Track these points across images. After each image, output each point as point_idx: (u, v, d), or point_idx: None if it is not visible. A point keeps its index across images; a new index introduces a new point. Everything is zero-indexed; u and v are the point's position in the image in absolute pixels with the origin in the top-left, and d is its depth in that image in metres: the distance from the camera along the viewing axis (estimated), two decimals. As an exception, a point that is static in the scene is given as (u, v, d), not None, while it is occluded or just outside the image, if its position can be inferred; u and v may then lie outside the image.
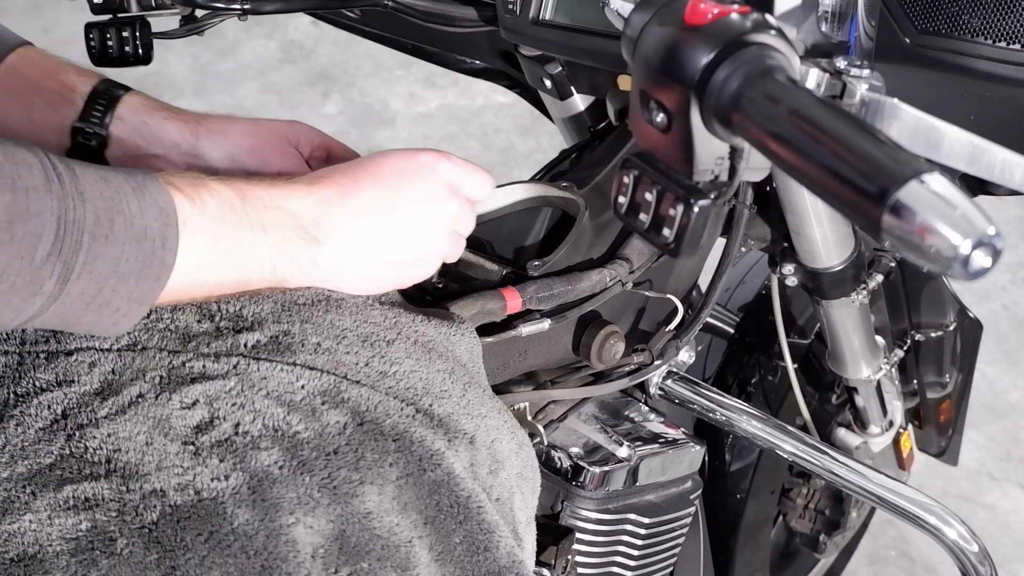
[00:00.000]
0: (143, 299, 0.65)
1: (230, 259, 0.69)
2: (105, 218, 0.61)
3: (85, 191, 0.61)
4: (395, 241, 0.77)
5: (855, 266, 1.10)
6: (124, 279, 0.63)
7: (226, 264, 0.69)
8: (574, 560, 1.01)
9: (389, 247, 0.77)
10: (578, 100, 1.20)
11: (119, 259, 0.62)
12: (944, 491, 2.13)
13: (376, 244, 0.76)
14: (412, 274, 0.79)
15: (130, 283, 0.63)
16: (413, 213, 0.77)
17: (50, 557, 0.63)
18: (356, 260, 0.75)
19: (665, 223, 0.66)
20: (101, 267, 0.61)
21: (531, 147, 2.98)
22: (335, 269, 0.75)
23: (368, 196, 0.75)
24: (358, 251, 0.75)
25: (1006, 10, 0.84)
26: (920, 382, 1.57)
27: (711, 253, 1.07)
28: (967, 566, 1.12)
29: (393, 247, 0.77)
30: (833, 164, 0.55)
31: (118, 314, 0.64)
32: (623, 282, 0.95)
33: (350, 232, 0.74)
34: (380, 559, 0.68)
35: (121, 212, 0.62)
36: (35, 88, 0.85)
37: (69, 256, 0.60)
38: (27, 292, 0.59)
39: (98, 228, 0.61)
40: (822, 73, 0.70)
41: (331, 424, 0.70)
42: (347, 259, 0.75)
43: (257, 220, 0.70)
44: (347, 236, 0.74)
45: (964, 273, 0.51)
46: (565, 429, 1.03)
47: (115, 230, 0.62)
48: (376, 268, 0.77)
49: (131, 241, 0.63)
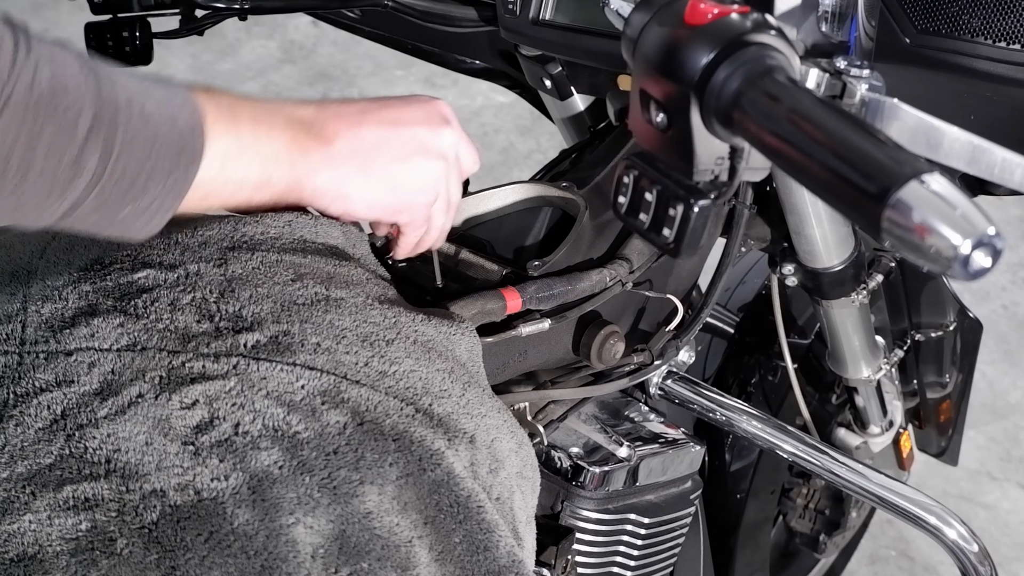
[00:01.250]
0: (176, 189, 0.65)
1: (252, 151, 0.70)
2: (136, 101, 0.62)
3: (113, 75, 0.62)
4: (396, 154, 0.78)
5: (855, 266, 1.10)
6: (159, 163, 0.63)
7: (249, 156, 0.70)
8: (574, 560, 1.01)
9: (390, 158, 0.78)
10: (578, 100, 1.20)
11: (153, 142, 0.63)
12: (944, 491, 2.13)
13: (378, 153, 0.77)
14: (410, 200, 0.80)
15: (164, 169, 0.64)
16: (413, 131, 0.78)
17: (50, 557, 0.63)
18: (361, 166, 0.76)
19: (665, 223, 0.66)
20: (138, 150, 0.62)
21: (531, 147, 2.98)
22: (343, 175, 0.76)
23: (369, 105, 0.78)
24: (363, 156, 0.76)
25: (1006, 10, 0.84)
26: (920, 382, 1.57)
27: (711, 253, 1.07)
28: (967, 566, 1.12)
29: (394, 160, 0.78)
30: (833, 164, 0.55)
31: (151, 208, 0.65)
32: (623, 282, 0.95)
33: (355, 135, 0.76)
34: (380, 559, 0.68)
35: (150, 97, 0.63)
36: None
37: (109, 133, 0.60)
38: (72, 171, 0.60)
39: (131, 108, 0.62)
40: (822, 73, 0.70)
41: (331, 424, 0.70)
42: (354, 164, 0.76)
43: (271, 119, 0.72)
44: (352, 139, 0.76)
45: (964, 273, 0.51)
46: (565, 429, 1.03)
47: (147, 112, 0.63)
48: (378, 180, 0.77)
49: (163, 124, 0.63)
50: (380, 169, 0.78)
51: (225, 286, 0.74)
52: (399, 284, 0.87)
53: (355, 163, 0.76)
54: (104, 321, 0.71)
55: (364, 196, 0.78)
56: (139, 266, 0.75)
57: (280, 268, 0.77)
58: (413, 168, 0.79)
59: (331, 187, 0.76)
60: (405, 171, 0.79)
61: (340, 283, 0.78)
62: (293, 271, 0.77)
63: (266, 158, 0.72)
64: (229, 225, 0.80)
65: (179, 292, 0.73)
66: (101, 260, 0.76)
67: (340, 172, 0.76)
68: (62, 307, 0.72)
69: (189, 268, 0.75)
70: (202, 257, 0.76)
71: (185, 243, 0.77)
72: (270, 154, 0.72)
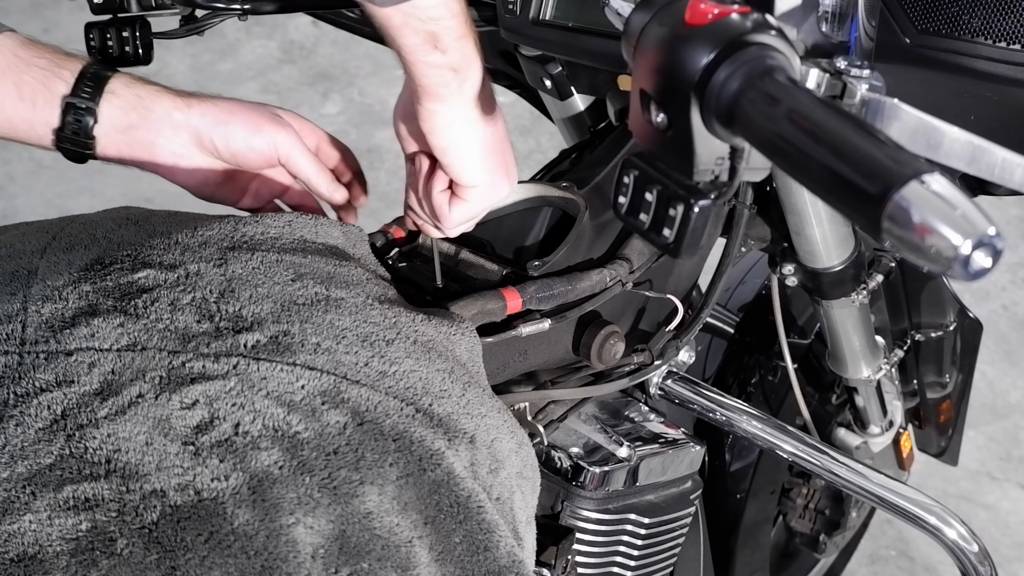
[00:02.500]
0: None
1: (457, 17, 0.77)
2: None
3: None
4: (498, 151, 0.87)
5: (855, 266, 1.10)
6: None
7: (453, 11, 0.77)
8: (574, 560, 1.01)
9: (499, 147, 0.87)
10: (578, 100, 1.20)
11: None
12: (944, 491, 2.13)
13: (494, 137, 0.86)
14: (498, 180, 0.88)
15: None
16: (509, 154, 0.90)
17: (50, 557, 0.63)
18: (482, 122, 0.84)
19: (665, 223, 0.66)
20: None
21: (531, 147, 2.98)
22: (470, 111, 0.82)
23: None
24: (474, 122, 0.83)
25: (1006, 10, 0.84)
26: (920, 382, 1.57)
27: (711, 253, 1.07)
28: (967, 566, 1.12)
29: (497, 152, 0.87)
30: (833, 164, 0.55)
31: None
32: (623, 282, 0.95)
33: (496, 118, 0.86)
34: (380, 559, 0.68)
35: None
36: (24, 66, 0.84)
37: None
38: None
39: None
40: (822, 73, 0.70)
41: (331, 424, 0.70)
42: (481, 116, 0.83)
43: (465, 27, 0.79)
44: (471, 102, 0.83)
45: (964, 273, 0.51)
46: (565, 429, 1.03)
47: None
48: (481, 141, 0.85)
49: None
50: (491, 139, 0.86)
51: (225, 286, 0.74)
52: (399, 284, 0.87)
53: (482, 115, 0.84)
54: (104, 321, 0.71)
55: (466, 145, 0.84)
56: (139, 266, 0.75)
57: (280, 268, 0.77)
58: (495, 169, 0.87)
59: (455, 119, 0.82)
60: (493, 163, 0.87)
61: (340, 283, 0.78)
62: (293, 271, 0.77)
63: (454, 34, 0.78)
64: (229, 225, 0.80)
65: (179, 292, 0.73)
66: (101, 260, 0.76)
67: (468, 108, 0.82)
68: (62, 307, 0.72)
69: (189, 268, 0.75)
70: (202, 257, 0.76)
71: (185, 243, 0.77)
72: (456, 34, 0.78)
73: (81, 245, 0.78)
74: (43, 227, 0.82)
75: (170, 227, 0.80)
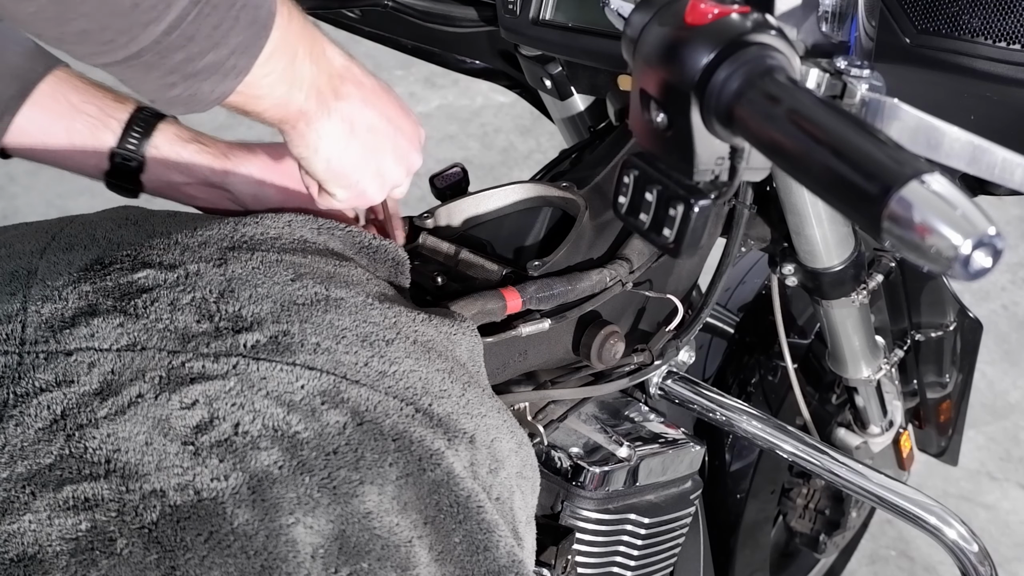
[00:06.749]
0: (250, 51, 0.68)
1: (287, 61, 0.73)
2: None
3: None
4: (377, 144, 0.82)
5: (855, 266, 1.10)
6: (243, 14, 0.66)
7: (284, 64, 0.72)
8: (574, 560, 1.01)
9: (372, 144, 0.82)
10: (578, 100, 1.20)
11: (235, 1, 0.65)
12: (944, 491, 2.13)
13: (366, 134, 0.81)
14: (363, 186, 0.83)
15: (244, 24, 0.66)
16: (400, 137, 0.84)
17: (50, 557, 0.63)
18: (347, 134, 0.80)
19: (665, 223, 0.66)
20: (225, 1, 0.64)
21: (531, 147, 2.98)
22: (329, 130, 0.79)
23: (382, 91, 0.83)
24: (354, 127, 0.80)
25: (1006, 10, 0.84)
26: (920, 382, 1.57)
27: (711, 253, 1.07)
28: (967, 566, 1.12)
29: (373, 148, 0.82)
30: (833, 164, 0.55)
31: (227, 65, 0.67)
32: (623, 282, 0.95)
33: (360, 108, 0.80)
34: (380, 559, 0.68)
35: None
36: (75, 111, 0.89)
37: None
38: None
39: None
40: (822, 73, 0.70)
41: (331, 424, 0.70)
42: (343, 129, 0.79)
43: (311, 48, 0.75)
44: (357, 109, 0.80)
45: (964, 273, 0.51)
46: (565, 429, 1.03)
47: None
48: (350, 153, 0.81)
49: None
50: (358, 145, 0.81)
51: (225, 286, 0.74)
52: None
53: (344, 128, 0.79)
54: (104, 321, 0.71)
55: (330, 155, 0.80)
56: (139, 266, 0.75)
57: (280, 268, 0.77)
58: (381, 162, 0.83)
59: (321, 138, 0.79)
60: (374, 160, 0.83)
61: (340, 283, 0.78)
62: (293, 271, 0.77)
63: (297, 75, 0.74)
64: (229, 225, 0.80)
65: (179, 292, 0.73)
66: (101, 260, 0.76)
67: (328, 126, 0.79)
68: (62, 307, 0.72)
69: (189, 268, 0.75)
70: (202, 257, 0.76)
71: (185, 243, 0.77)
72: (300, 76, 0.74)
73: (81, 245, 0.78)
74: (43, 227, 0.82)
75: (170, 227, 0.80)
